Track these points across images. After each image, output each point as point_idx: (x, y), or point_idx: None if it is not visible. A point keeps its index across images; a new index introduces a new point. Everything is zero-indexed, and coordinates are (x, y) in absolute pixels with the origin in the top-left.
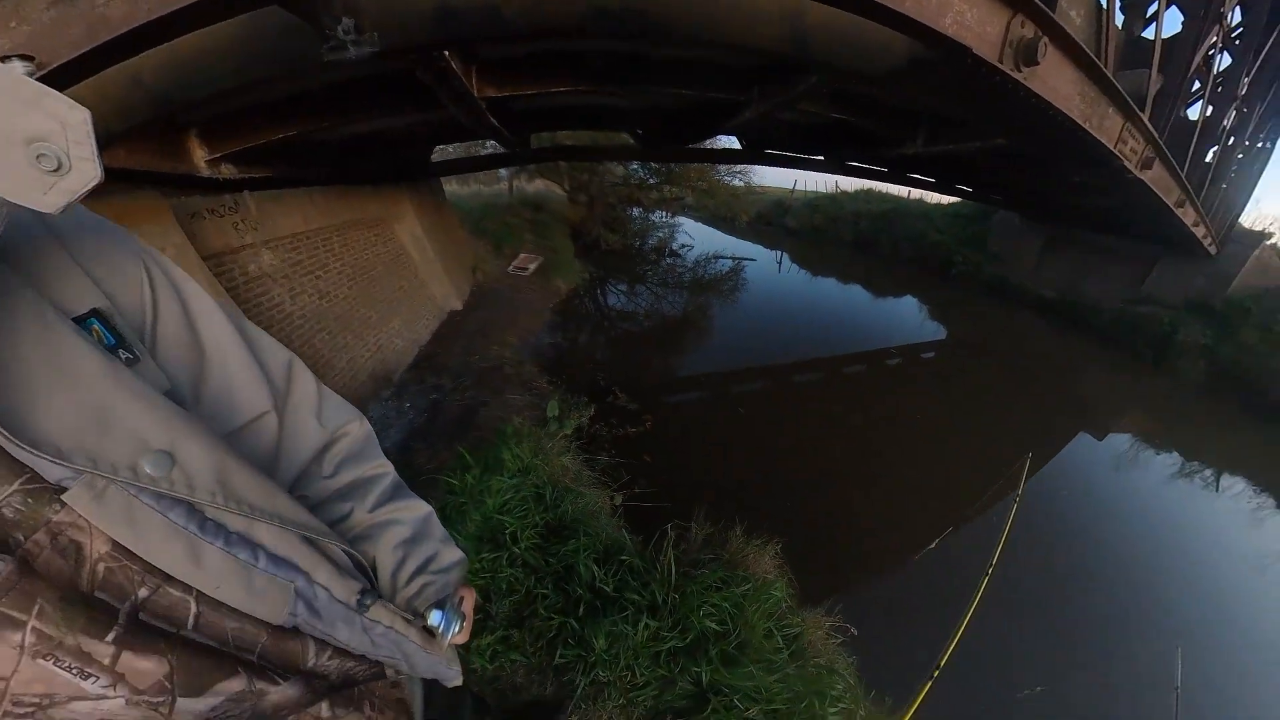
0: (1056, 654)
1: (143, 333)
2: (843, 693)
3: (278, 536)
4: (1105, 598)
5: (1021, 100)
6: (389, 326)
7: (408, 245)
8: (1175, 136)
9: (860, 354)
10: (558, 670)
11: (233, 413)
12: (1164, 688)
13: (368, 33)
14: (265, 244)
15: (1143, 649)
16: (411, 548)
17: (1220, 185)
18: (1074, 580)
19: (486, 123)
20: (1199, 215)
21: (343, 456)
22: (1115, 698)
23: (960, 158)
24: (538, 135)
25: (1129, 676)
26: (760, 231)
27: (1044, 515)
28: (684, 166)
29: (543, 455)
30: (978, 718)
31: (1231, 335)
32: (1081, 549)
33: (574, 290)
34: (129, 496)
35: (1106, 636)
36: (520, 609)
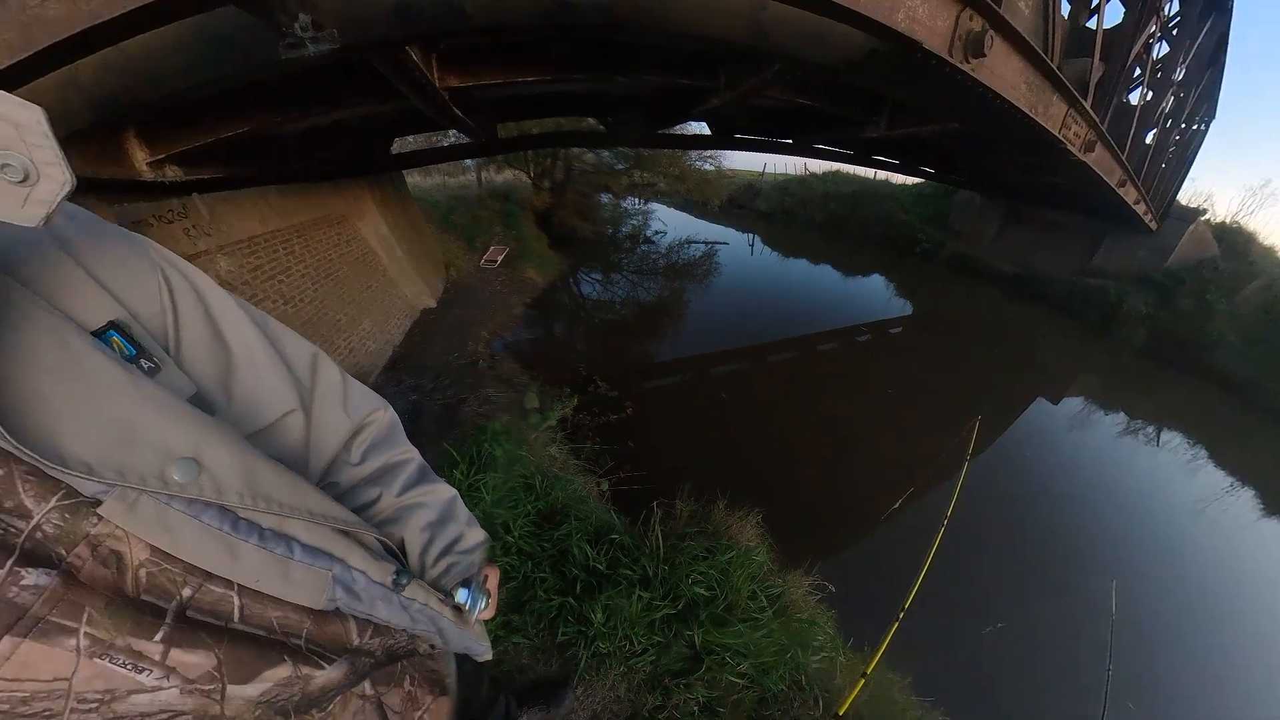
0: (1012, 591)
1: (166, 339)
2: (823, 642)
3: (310, 530)
4: (1054, 541)
5: (970, 89)
6: (359, 329)
7: (373, 243)
8: (1117, 121)
9: (832, 332)
10: (560, 647)
11: (261, 411)
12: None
13: (326, 29)
14: (221, 250)
15: (1085, 585)
16: (438, 530)
17: (1159, 165)
18: (1028, 528)
19: (450, 113)
20: (1140, 194)
21: (369, 443)
22: (1063, 628)
23: (921, 140)
24: (504, 124)
25: (1074, 609)
26: (732, 215)
27: (1002, 471)
28: (654, 152)
29: (529, 447)
30: (947, 654)
31: (1169, 304)
32: (1035, 501)
33: (549, 282)
34: (161, 505)
35: (1054, 575)
36: (519, 594)
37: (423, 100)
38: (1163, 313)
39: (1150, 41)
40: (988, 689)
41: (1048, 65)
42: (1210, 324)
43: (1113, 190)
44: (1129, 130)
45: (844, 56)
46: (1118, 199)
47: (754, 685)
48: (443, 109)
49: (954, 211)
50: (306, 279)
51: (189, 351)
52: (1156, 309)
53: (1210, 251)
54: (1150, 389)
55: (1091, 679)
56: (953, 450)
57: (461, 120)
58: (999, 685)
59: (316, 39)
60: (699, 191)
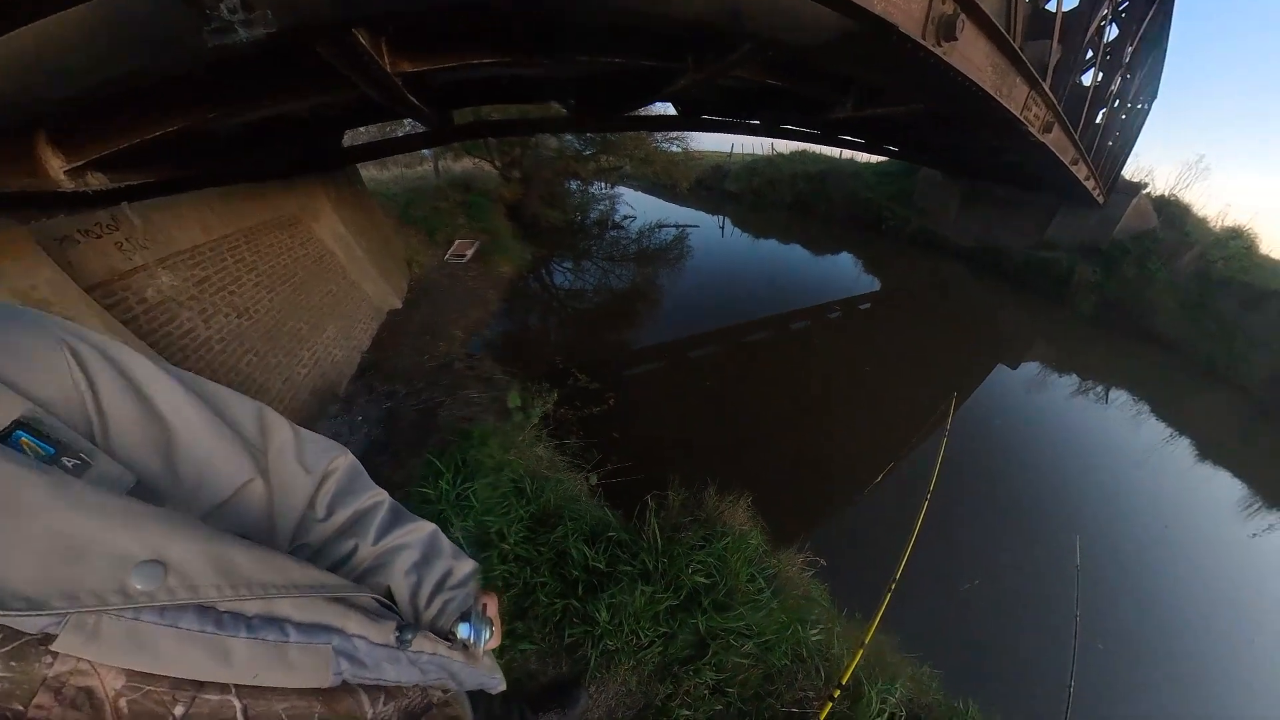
0: (986, 550)
1: (88, 426)
2: (820, 615)
3: (300, 605)
4: (1021, 499)
5: (941, 71)
6: (323, 337)
7: (331, 244)
8: (1071, 101)
9: (804, 310)
10: (569, 649)
11: (215, 487)
12: (1069, 566)
13: (258, 10)
14: (161, 263)
15: (1051, 537)
16: (424, 570)
17: (1107, 143)
18: (995, 489)
19: (403, 100)
20: (1090, 170)
21: (334, 495)
22: (1033, 579)
23: (887, 121)
24: (461, 111)
25: (1042, 561)
26: (701, 197)
27: (970, 437)
28: (620, 135)
29: (515, 449)
30: (931, 614)
31: (1115, 273)
32: (1001, 462)
33: (518, 273)
34: (128, 621)
35: (1023, 531)
36: (521, 601)
37: (374, 88)
38: (1109, 281)
39: (1102, 24)
40: (969, 640)
41: (1013, 48)
42: (1151, 291)
43: (1066, 168)
44: (1081, 110)
45: (818, 38)
46: (1070, 176)
47: (759, 663)
48: (397, 96)
49: (918, 189)
50: (261, 288)
51: (119, 436)
52: (1104, 278)
53: (1151, 223)
54: (1099, 352)
55: (1061, 624)
56: (931, 424)
57: (417, 108)
58: (979, 636)
59: (248, 22)
60: (667, 174)
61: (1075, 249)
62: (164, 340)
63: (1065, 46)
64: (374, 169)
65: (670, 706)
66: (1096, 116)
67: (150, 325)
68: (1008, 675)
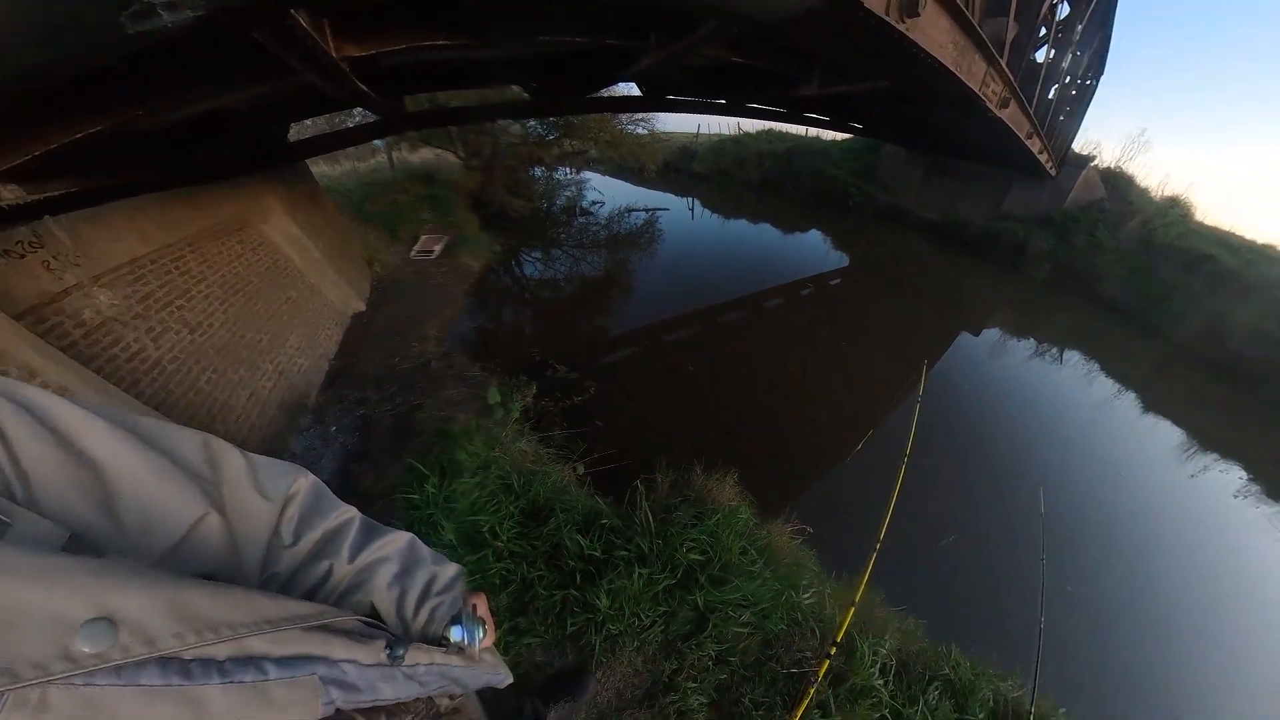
0: (960, 506)
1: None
2: (810, 580)
3: (276, 640)
4: (989, 457)
5: (904, 48)
6: (286, 347)
7: (285, 247)
8: (1026, 78)
9: (777, 288)
10: (572, 638)
11: (165, 528)
12: (1035, 517)
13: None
14: (97, 281)
15: (1018, 490)
16: (406, 580)
17: (1058, 117)
18: (965, 448)
19: (351, 88)
20: (1043, 144)
21: (299, 518)
22: (1002, 529)
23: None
24: (416, 98)
25: (1010, 512)
26: (669, 179)
27: (939, 401)
28: (584, 118)
29: (500, 446)
30: (912, 568)
31: (1067, 242)
32: (968, 423)
33: (487, 266)
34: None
35: (992, 486)
36: (520, 596)
37: (318, 75)
38: (1061, 250)
39: (1055, 2)
40: (948, 591)
41: (972, 25)
42: (1099, 258)
43: (1022, 143)
44: (1035, 86)
45: (783, 14)
46: (1026, 150)
47: (757, 630)
48: (344, 84)
49: (881, 165)
50: (213, 300)
51: (45, 489)
52: (1056, 246)
53: (1099, 194)
54: (1053, 317)
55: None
56: (904, 391)
57: (366, 95)
58: (957, 586)
59: (171, 5)
60: (633, 157)
61: (1030, 220)
62: (110, 365)
63: (1021, 24)
64: (324, 164)
65: (677, 681)
66: (1049, 92)
67: (93, 350)
68: (985, 619)
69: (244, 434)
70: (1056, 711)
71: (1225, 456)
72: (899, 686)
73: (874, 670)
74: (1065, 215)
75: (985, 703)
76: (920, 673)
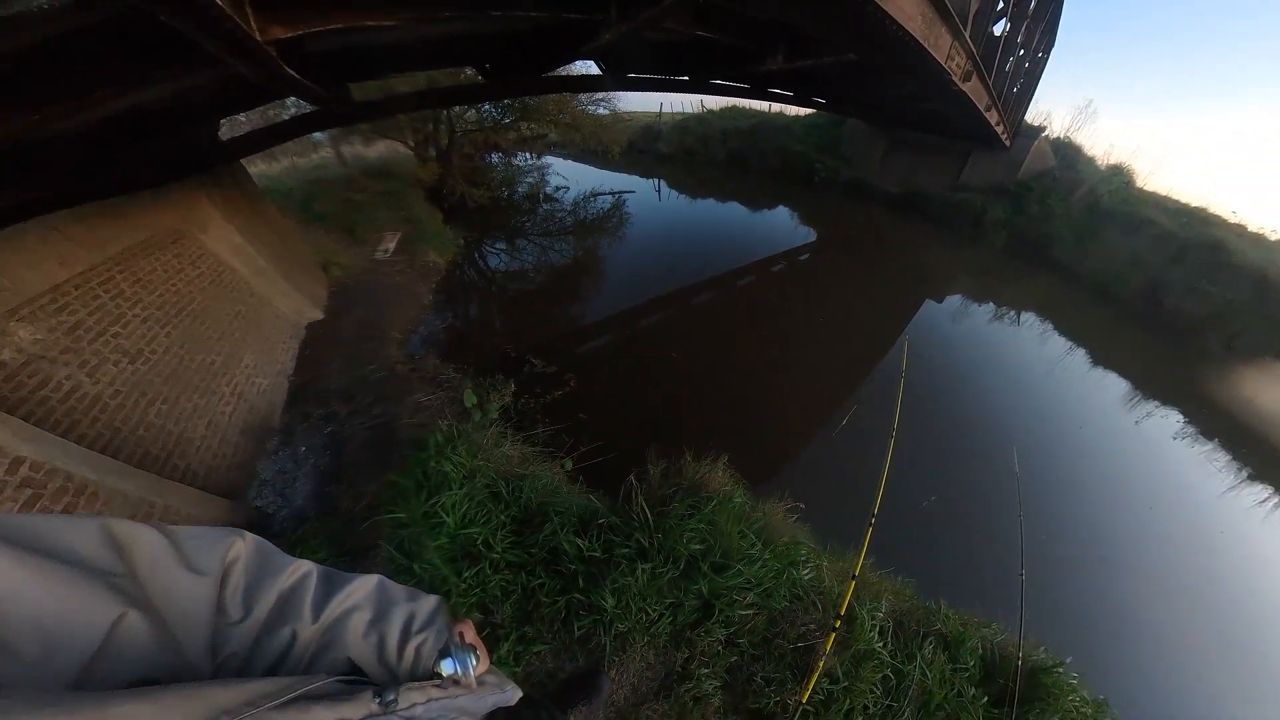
0: (937, 467)
1: None
2: (808, 555)
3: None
4: (963, 420)
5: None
6: (241, 366)
7: (228, 258)
8: (985, 50)
9: (748, 266)
10: (581, 641)
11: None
12: (1010, 474)
13: None
14: (14, 315)
15: (990, 447)
16: (382, 625)
17: (1013, 90)
18: (939, 413)
19: (282, 75)
20: (1000, 116)
21: (245, 588)
22: (979, 487)
23: (816, 73)
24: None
25: (987, 471)
26: (634, 161)
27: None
28: (541, 99)
29: (483, 453)
30: (898, 530)
31: (1021, 210)
32: (940, 388)
33: (451, 261)
34: None
35: (965, 445)
36: (523, 606)
37: (244, 62)
38: (1016, 218)
39: None
40: (932, 549)
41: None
42: (1051, 225)
43: (982, 115)
44: (994, 59)
45: None
46: (984, 122)
47: (762, 610)
48: (273, 71)
49: (844, 140)
50: (153, 323)
51: None
52: (1012, 215)
53: (1050, 163)
54: (1010, 282)
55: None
56: (878, 361)
57: (301, 84)
58: (940, 544)
59: None
60: (595, 139)
61: (987, 190)
62: (43, 408)
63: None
64: (262, 162)
65: (690, 669)
66: (1006, 65)
67: (18, 394)
68: (968, 572)
69: (208, 466)
70: (1038, 650)
71: (1164, 403)
72: (897, 645)
73: (874, 634)
74: (1019, 185)
75: (974, 651)
76: (914, 630)
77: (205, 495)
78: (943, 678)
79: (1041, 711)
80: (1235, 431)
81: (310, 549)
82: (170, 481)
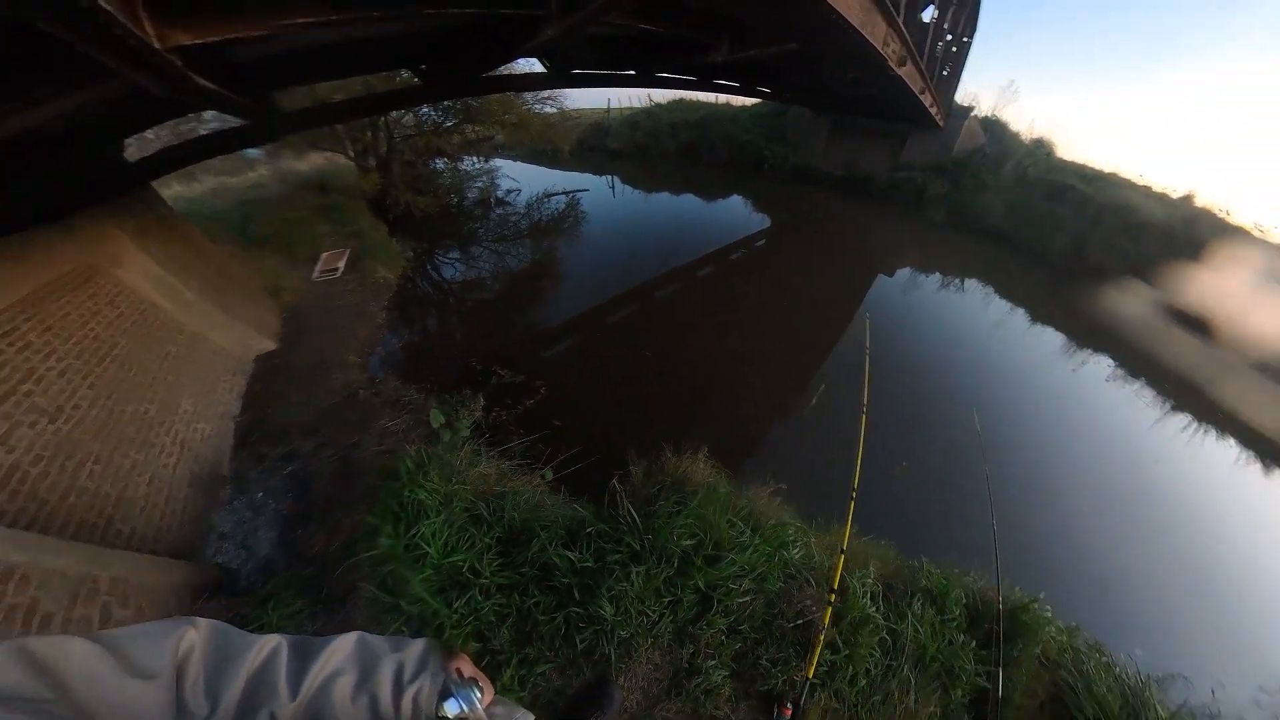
0: (907, 434)
1: None
2: (796, 535)
3: None
4: (923, 384)
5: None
6: (180, 413)
7: (149, 293)
8: (917, 36)
9: (707, 256)
10: (585, 654)
11: None
12: (973, 434)
13: None
14: None
15: (954, 411)
16: (369, 684)
17: (943, 73)
18: (900, 379)
19: (192, 86)
20: (934, 98)
21: (206, 678)
22: (944, 448)
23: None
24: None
25: (951, 432)
26: (586, 159)
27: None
28: (485, 100)
29: (458, 475)
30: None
31: (958, 185)
32: (897, 356)
33: (404, 275)
34: None
35: (931, 410)
36: (520, 627)
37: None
38: (953, 192)
39: None
40: (907, 510)
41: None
42: (984, 196)
43: (917, 97)
44: (924, 44)
45: None
46: (920, 104)
47: (758, 595)
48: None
49: (790, 127)
50: (72, 375)
51: None
52: (949, 190)
53: (981, 140)
54: (953, 252)
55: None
56: (840, 336)
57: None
58: (915, 504)
59: None
60: (544, 138)
61: (925, 168)
62: None
63: None
64: (177, 184)
65: (696, 663)
66: (935, 49)
67: None
68: (944, 528)
69: (156, 527)
70: (1014, 591)
71: (1095, 351)
72: (888, 607)
73: (866, 600)
74: (954, 161)
75: (959, 600)
76: (903, 590)
77: (157, 559)
78: (934, 631)
79: (1025, 646)
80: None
81: (283, 602)
82: (114, 550)
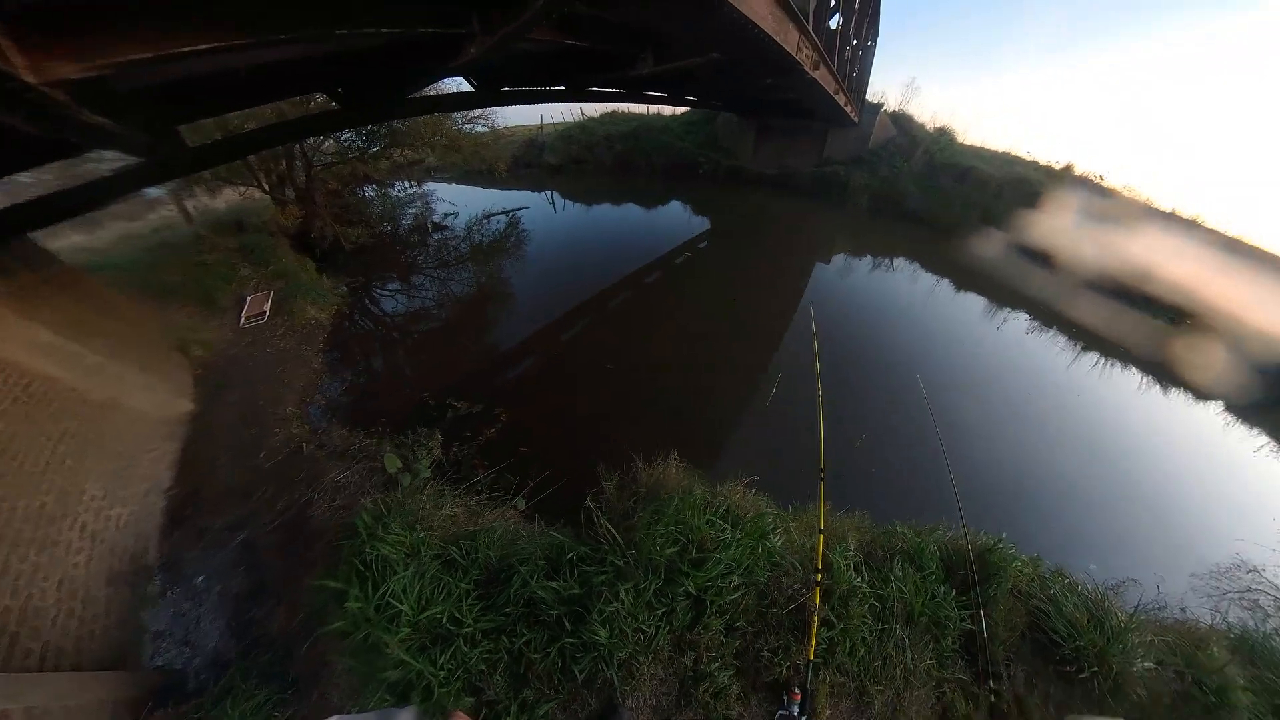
0: (860, 407)
1: None
2: (774, 523)
3: None
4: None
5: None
6: (85, 502)
7: (38, 364)
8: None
9: (653, 262)
10: (586, 683)
11: None
12: (922, 400)
13: None
14: None
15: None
16: None
17: (853, 74)
18: (848, 358)
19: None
20: (848, 97)
21: None
22: (898, 415)
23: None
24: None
25: (902, 401)
26: (523, 176)
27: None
28: (413, 122)
29: (423, 521)
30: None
31: (876, 174)
32: (843, 335)
33: (337, 314)
34: None
35: (880, 381)
36: (513, 670)
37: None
38: (873, 181)
39: None
40: (873, 478)
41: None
42: (900, 183)
43: (832, 98)
44: (835, 49)
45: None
46: (835, 104)
47: (748, 588)
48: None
49: (719, 133)
50: None
51: None
52: (869, 180)
53: (892, 133)
54: (879, 235)
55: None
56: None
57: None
58: (879, 473)
59: None
60: (478, 158)
61: (846, 161)
62: None
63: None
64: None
65: (700, 668)
66: (845, 53)
67: None
68: (913, 490)
69: (75, 637)
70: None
71: (1013, 309)
72: (872, 574)
73: (851, 573)
74: (871, 153)
75: (933, 555)
76: (882, 556)
77: (82, 676)
78: (917, 588)
79: (998, 584)
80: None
81: (244, 695)
82: (26, 674)
